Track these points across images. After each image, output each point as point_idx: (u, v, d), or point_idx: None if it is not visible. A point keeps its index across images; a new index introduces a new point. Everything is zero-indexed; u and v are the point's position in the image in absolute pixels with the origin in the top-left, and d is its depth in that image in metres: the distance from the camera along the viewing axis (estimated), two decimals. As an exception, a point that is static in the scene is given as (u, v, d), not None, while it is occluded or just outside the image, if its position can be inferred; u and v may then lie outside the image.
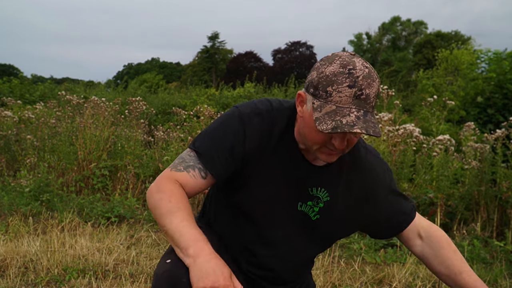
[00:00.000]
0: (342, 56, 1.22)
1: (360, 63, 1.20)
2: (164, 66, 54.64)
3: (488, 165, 4.01)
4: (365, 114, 1.18)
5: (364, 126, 1.15)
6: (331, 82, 1.18)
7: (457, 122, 7.08)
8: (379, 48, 43.79)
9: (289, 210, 1.39)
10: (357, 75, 1.18)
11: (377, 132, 1.17)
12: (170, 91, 15.16)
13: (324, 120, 1.17)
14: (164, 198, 1.29)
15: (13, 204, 4.03)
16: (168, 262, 1.27)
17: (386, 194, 1.46)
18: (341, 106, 1.17)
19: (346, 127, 1.15)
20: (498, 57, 7.40)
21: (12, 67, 42.20)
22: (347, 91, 1.17)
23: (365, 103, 1.18)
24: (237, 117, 1.34)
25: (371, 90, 1.19)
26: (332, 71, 1.19)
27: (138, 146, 5.06)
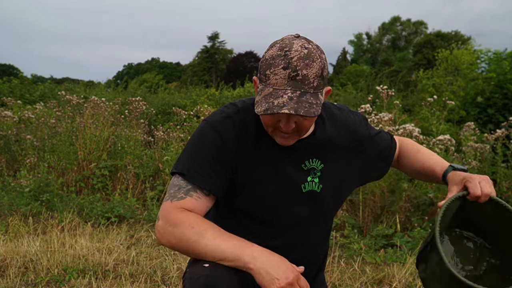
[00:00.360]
0: (285, 39, 1.24)
1: (299, 45, 1.21)
2: (164, 66, 54.64)
3: (488, 165, 4.01)
4: (302, 95, 1.19)
5: (295, 107, 1.16)
6: (269, 65, 1.21)
7: (457, 122, 7.08)
8: (379, 48, 43.78)
9: (296, 196, 1.40)
10: (291, 56, 1.19)
11: (310, 112, 1.17)
12: (170, 91, 15.15)
13: (261, 102, 1.20)
14: (186, 228, 1.22)
15: (13, 204, 4.03)
16: (206, 267, 1.20)
17: (369, 140, 1.52)
18: (277, 88, 1.19)
19: (276, 108, 1.16)
20: (498, 57, 7.40)
21: (12, 67, 42.20)
22: (282, 73, 1.18)
23: (302, 84, 1.19)
24: (209, 128, 1.34)
25: (310, 70, 1.19)
26: (271, 54, 1.22)
27: (138, 146, 5.06)
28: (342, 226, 3.93)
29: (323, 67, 1.23)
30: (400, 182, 3.98)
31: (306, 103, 1.18)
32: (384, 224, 3.88)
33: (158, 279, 2.71)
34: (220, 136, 1.32)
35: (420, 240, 3.44)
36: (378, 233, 3.65)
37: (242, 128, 1.35)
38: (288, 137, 1.30)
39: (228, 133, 1.33)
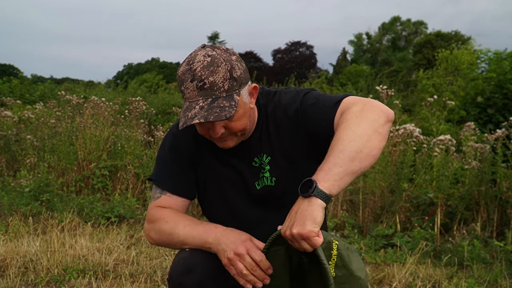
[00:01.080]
0: (192, 53, 1.29)
1: (202, 54, 1.25)
2: (164, 66, 54.55)
3: (488, 165, 4.01)
4: (213, 101, 1.23)
5: (204, 115, 1.20)
6: (181, 81, 1.27)
7: (457, 122, 7.07)
8: (379, 48, 43.79)
9: (253, 194, 1.43)
10: (195, 67, 1.24)
11: (221, 115, 1.20)
12: (170, 91, 15.13)
13: (181, 118, 1.27)
14: (161, 223, 1.37)
15: (13, 204, 4.03)
16: (186, 250, 1.35)
17: (303, 112, 1.36)
18: (192, 101, 1.25)
19: (189, 120, 1.22)
20: (498, 57, 7.39)
21: (12, 67, 42.14)
22: (191, 85, 1.24)
23: (212, 90, 1.23)
24: (169, 133, 1.48)
25: (216, 76, 1.23)
26: (182, 70, 1.27)
27: (138, 146, 5.06)
28: (342, 226, 3.93)
29: (231, 69, 1.25)
30: (400, 182, 3.98)
31: (217, 108, 1.22)
32: (384, 224, 3.88)
33: (158, 279, 2.71)
34: (177, 139, 1.45)
35: (420, 240, 3.44)
36: (378, 233, 3.65)
37: (196, 138, 1.45)
38: (225, 140, 1.34)
39: (184, 136, 1.44)
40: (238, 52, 19.62)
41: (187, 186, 1.44)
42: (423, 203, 3.94)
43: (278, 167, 1.43)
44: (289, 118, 1.40)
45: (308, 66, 34.15)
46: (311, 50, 37.32)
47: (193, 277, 1.28)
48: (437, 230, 3.62)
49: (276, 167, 1.43)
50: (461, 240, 3.47)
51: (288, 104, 1.42)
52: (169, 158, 1.45)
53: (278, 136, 1.43)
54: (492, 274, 2.96)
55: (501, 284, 2.88)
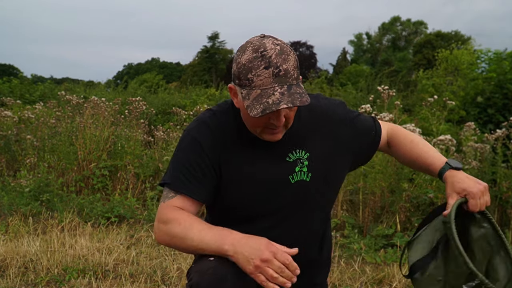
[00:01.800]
0: (253, 41, 1.28)
1: (271, 43, 1.26)
2: (164, 66, 54.62)
3: (488, 165, 4.01)
4: (289, 88, 1.24)
5: (290, 100, 1.21)
6: (249, 69, 1.24)
7: (457, 122, 7.07)
8: (379, 48, 43.78)
9: (286, 189, 1.43)
10: (269, 54, 1.23)
11: (304, 101, 1.23)
12: (170, 91, 15.14)
13: (254, 105, 1.23)
14: (174, 225, 1.32)
15: (13, 204, 4.03)
16: (211, 260, 1.27)
17: (350, 123, 1.53)
18: (265, 88, 1.23)
19: (273, 106, 1.20)
20: (498, 57, 7.39)
21: (12, 67, 42.18)
22: (265, 72, 1.23)
23: (286, 78, 1.24)
24: (187, 136, 1.43)
25: (288, 64, 1.24)
26: (247, 58, 1.25)
27: (138, 146, 5.06)
28: (342, 226, 3.93)
29: (296, 58, 1.29)
30: (400, 182, 3.98)
31: (296, 94, 1.23)
32: (384, 224, 3.88)
33: (158, 279, 2.71)
34: (199, 143, 1.39)
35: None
36: (378, 233, 3.65)
37: (218, 131, 1.41)
38: (278, 132, 1.35)
39: (205, 138, 1.40)
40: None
41: (204, 190, 1.39)
42: (423, 203, 3.93)
43: (316, 165, 1.45)
44: (332, 123, 1.49)
45: (308, 66, 34.15)
46: (311, 50, 37.35)
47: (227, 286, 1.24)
48: (437, 230, 3.61)
49: (313, 164, 1.45)
50: (461, 240, 3.46)
51: (328, 108, 1.51)
52: (189, 162, 1.38)
53: (315, 135, 1.47)
54: (492, 274, 2.95)
55: (501, 284, 2.88)
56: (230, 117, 1.43)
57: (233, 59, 1.34)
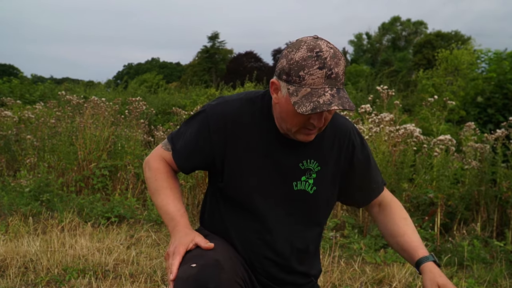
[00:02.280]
0: (307, 41, 1.28)
1: (325, 45, 1.27)
2: (164, 66, 54.59)
3: (488, 165, 4.01)
4: (338, 92, 1.25)
5: (340, 103, 1.22)
6: (302, 66, 1.24)
7: (457, 122, 7.07)
8: (379, 48, 43.78)
9: (286, 192, 1.44)
10: (325, 56, 1.24)
11: (351, 106, 1.24)
12: (170, 91, 15.15)
13: (302, 102, 1.24)
14: (151, 177, 1.50)
15: (13, 204, 4.03)
16: (193, 267, 1.26)
17: (364, 158, 1.53)
18: (315, 87, 1.24)
19: (325, 106, 1.22)
20: (498, 57, 7.40)
21: (12, 67, 42.15)
22: (318, 72, 1.23)
23: (336, 81, 1.25)
24: (203, 115, 1.45)
25: (339, 68, 1.26)
26: (301, 56, 1.25)
27: (138, 146, 5.06)
28: (342, 226, 3.93)
29: (345, 64, 1.30)
30: (400, 182, 3.98)
31: (345, 98, 1.25)
32: (384, 224, 3.88)
33: (158, 279, 2.71)
34: (209, 127, 1.42)
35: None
36: (378, 233, 3.65)
37: (234, 116, 1.42)
38: (313, 133, 1.36)
39: (218, 123, 1.41)
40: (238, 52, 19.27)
41: (190, 164, 1.49)
42: (423, 203, 3.93)
43: (323, 181, 1.46)
44: (353, 146, 1.50)
45: (308, 66, 34.11)
46: (311, 50, 37.25)
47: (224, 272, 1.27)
48: (437, 230, 3.62)
49: (322, 179, 1.45)
50: (461, 240, 3.47)
51: (351, 130, 1.52)
52: (195, 142, 1.45)
53: (332, 152, 1.47)
54: (492, 274, 2.96)
55: (501, 284, 2.88)
56: (256, 108, 1.44)
57: (282, 54, 1.34)
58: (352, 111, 1.29)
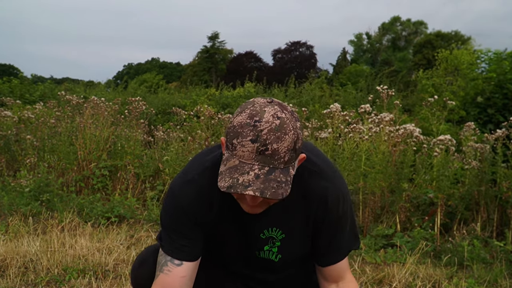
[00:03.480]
0: (256, 105, 1.14)
1: (270, 114, 1.11)
2: (164, 66, 54.63)
3: (488, 165, 4.01)
4: (270, 172, 1.09)
5: (261, 188, 1.07)
6: (236, 134, 1.11)
7: (457, 122, 7.07)
8: (379, 48, 43.78)
9: (251, 260, 1.42)
10: (261, 128, 1.09)
11: (278, 193, 1.08)
12: (170, 91, 15.17)
13: (225, 176, 1.12)
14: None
15: (13, 204, 4.03)
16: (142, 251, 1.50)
17: (333, 225, 1.37)
18: (244, 161, 1.10)
19: (240, 187, 1.08)
20: (498, 57, 7.39)
21: (12, 67, 42.15)
22: (250, 145, 1.09)
23: (272, 159, 1.09)
24: (172, 200, 1.35)
25: (281, 144, 1.09)
26: (239, 121, 1.12)
27: (138, 146, 5.06)
28: (342, 226, 3.93)
29: (296, 139, 1.12)
30: (400, 182, 3.98)
31: (274, 182, 1.09)
32: (384, 224, 3.88)
33: (158, 279, 2.71)
34: (183, 209, 1.34)
35: (420, 240, 3.44)
36: (378, 233, 3.65)
37: (204, 193, 1.33)
38: (256, 207, 1.22)
39: (188, 204, 1.33)
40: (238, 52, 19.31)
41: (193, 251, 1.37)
42: (423, 203, 3.94)
43: (288, 248, 1.39)
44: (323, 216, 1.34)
45: (308, 66, 34.16)
46: (311, 50, 37.35)
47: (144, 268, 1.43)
48: (437, 230, 3.62)
49: (288, 245, 1.38)
50: (461, 240, 3.47)
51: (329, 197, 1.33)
52: (173, 226, 1.36)
53: (298, 217, 1.35)
54: (492, 274, 2.95)
55: (501, 284, 2.88)
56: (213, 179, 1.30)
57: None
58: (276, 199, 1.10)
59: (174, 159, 4.72)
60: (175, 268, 1.35)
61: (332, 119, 4.27)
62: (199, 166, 1.36)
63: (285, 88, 12.12)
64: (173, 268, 1.35)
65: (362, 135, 4.07)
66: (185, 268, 1.35)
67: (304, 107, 6.98)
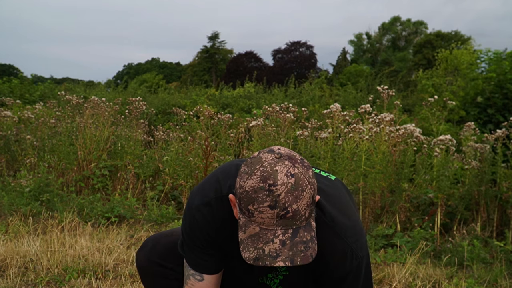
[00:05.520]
0: (265, 164, 1.08)
1: (284, 173, 1.05)
2: (164, 66, 54.62)
3: (488, 165, 4.01)
4: (294, 234, 1.06)
5: (290, 255, 1.04)
6: (251, 199, 1.06)
7: (457, 122, 7.08)
8: (379, 48, 43.77)
9: (253, 282, 1.45)
10: (278, 192, 1.04)
11: (307, 256, 1.05)
12: (170, 91, 15.16)
13: (248, 245, 1.08)
14: None
15: (13, 204, 4.03)
16: None
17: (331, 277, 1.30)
18: (265, 228, 1.06)
19: (268, 259, 1.04)
20: (498, 57, 7.39)
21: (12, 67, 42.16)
22: (269, 212, 1.04)
23: (293, 220, 1.05)
24: (189, 216, 1.35)
25: (300, 203, 1.05)
26: (251, 186, 1.06)
27: (138, 146, 5.06)
28: (342, 226, 3.93)
29: (313, 193, 1.08)
30: (400, 182, 3.98)
31: (301, 245, 1.05)
32: (384, 224, 3.88)
33: (158, 279, 2.71)
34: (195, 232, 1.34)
35: (420, 240, 3.44)
36: (378, 233, 3.65)
37: (219, 217, 1.31)
38: None
39: (203, 222, 1.33)
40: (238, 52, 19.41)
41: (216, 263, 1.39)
42: (423, 203, 3.94)
43: (291, 283, 1.40)
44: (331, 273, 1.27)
45: (308, 66, 34.16)
46: (311, 50, 37.32)
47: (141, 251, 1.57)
48: (437, 230, 3.62)
49: (289, 282, 1.40)
50: (461, 240, 3.47)
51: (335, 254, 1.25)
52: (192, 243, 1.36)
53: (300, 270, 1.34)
54: (492, 274, 2.96)
55: (501, 284, 2.88)
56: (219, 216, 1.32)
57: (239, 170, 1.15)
58: (305, 264, 1.06)
59: (174, 159, 4.72)
60: (197, 283, 1.36)
61: (332, 119, 4.27)
62: (217, 191, 1.32)
63: (285, 88, 12.13)
64: (195, 283, 1.36)
65: (362, 135, 4.07)
66: (206, 283, 1.36)
67: (304, 107, 6.98)
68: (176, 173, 4.65)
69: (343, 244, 1.24)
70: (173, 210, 4.21)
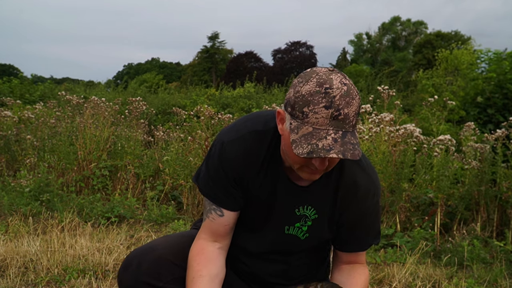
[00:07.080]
0: (320, 73, 1.16)
1: (338, 81, 1.14)
2: (164, 66, 54.64)
3: (488, 165, 4.01)
4: (344, 135, 1.13)
5: (341, 150, 1.11)
6: (307, 102, 1.13)
7: (457, 122, 7.08)
8: (379, 48, 43.78)
9: (277, 233, 1.43)
10: (334, 94, 1.12)
11: (355, 154, 1.12)
12: (170, 91, 15.16)
13: (301, 143, 1.14)
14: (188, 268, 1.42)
15: (13, 204, 4.03)
16: None
17: (360, 215, 1.41)
18: (318, 128, 1.13)
19: (322, 151, 1.11)
20: (498, 57, 7.39)
21: (12, 67, 42.19)
22: (324, 112, 1.12)
23: (343, 123, 1.13)
24: (218, 152, 1.38)
25: (350, 109, 1.13)
26: (308, 90, 1.14)
27: (138, 146, 5.06)
28: (342, 226, 3.93)
29: (360, 104, 1.18)
30: (400, 182, 3.98)
31: (350, 145, 1.13)
32: (384, 224, 3.88)
33: (158, 279, 2.71)
34: (223, 166, 1.36)
35: (420, 240, 3.44)
36: (378, 233, 3.65)
37: (250, 152, 1.35)
38: (317, 172, 1.26)
39: (233, 159, 1.36)
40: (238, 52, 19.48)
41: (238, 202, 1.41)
42: (423, 203, 3.93)
43: (318, 228, 1.42)
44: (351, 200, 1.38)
45: (308, 66, 34.07)
46: (311, 50, 37.34)
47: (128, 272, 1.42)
48: (437, 230, 3.62)
49: (317, 227, 1.41)
50: (461, 240, 3.47)
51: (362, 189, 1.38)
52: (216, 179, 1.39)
53: (335, 203, 1.39)
54: (492, 274, 2.95)
55: (501, 284, 2.88)
56: (267, 141, 1.36)
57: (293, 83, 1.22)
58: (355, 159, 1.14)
59: (174, 159, 4.72)
60: (218, 218, 1.40)
61: (332, 119, 4.26)
62: (252, 127, 1.38)
63: (285, 88, 12.13)
64: (216, 217, 1.40)
65: (362, 135, 4.07)
66: (227, 218, 1.41)
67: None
68: (176, 173, 4.65)
69: (370, 181, 1.39)
70: (173, 210, 4.21)
